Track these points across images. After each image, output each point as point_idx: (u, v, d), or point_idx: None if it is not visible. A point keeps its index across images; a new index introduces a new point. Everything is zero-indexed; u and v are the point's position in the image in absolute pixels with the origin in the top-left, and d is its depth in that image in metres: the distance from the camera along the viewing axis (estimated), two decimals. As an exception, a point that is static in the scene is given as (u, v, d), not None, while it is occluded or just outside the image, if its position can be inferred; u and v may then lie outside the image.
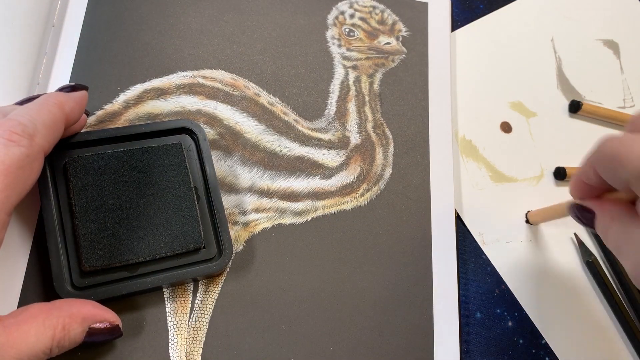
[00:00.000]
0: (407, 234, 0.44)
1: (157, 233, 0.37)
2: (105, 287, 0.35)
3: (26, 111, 0.32)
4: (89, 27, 0.45)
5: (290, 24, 0.49)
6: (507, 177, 0.49)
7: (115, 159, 0.37)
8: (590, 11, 0.58)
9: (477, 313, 0.44)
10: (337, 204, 0.44)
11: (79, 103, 0.36)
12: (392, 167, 0.46)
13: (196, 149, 0.40)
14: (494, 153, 0.50)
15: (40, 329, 0.30)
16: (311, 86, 0.47)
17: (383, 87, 0.48)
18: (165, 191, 0.38)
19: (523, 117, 0.52)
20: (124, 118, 0.42)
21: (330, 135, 0.46)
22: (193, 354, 0.38)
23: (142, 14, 0.46)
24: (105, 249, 0.35)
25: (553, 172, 0.50)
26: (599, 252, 0.48)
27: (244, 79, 0.46)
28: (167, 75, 0.45)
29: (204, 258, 0.38)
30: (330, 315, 0.41)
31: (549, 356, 0.44)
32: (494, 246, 0.46)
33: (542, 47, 0.55)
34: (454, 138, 0.49)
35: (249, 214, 0.42)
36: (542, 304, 0.45)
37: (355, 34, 0.49)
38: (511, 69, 0.53)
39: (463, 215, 0.47)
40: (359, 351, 0.40)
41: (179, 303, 0.39)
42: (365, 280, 0.42)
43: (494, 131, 0.51)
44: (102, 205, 0.36)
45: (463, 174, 0.48)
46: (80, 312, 0.32)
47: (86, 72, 0.43)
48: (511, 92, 0.52)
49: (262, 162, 0.44)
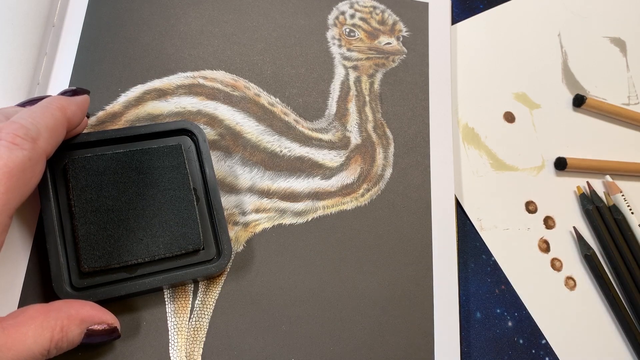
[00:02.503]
0: (408, 234, 0.44)
1: (157, 234, 0.37)
2: (104, 288, 0.35)
3: (29, 114, 0.32)
4: (90, 28, 0.45)
5: (290, 24, 0.49)
6: (508, 165, 0.49)
7: (114, 160, 0.38)
8: (599, 9, 0.58)
9: (477, 313, 0.44)
10: (337, 204, 0.44)
11: (80, 107, 0.36)
12: (392, 168, 0.46)
13: (196, 150, 0.40)
14: (496, 142, 0.50)
15: (38, 330, 0.30)
16: (311, 86, 0.47)
17: (383, 87, 0.48)
18: (164, 192, 0.38)
19: (526, 108, 0.52)
20: (124, 119, 0.42)
21: (331, 136, 0.46)
22: (193, 354, 0.38)
23: (143, 14, 0.46)
24: (104, 250, 0.35)
25: (554, 162, 0.50)
26: (598, 246, 0.48)
27: (245, 79, 0.46)
28: (167, 76, 0.45)
29: (203, 259, 0.38)
30: (330, 316, 0.41)
31: (549, 356, 0.44)
32: (492, 232, 0.47)
33: (549, 41, 0.55)
34: (455, 127, 0.49)
35: (249, 215, 0.42)
36: (539, 293, 0.46)
37: (355, 34, 0.49)
38: (516, 61, 0.54)
39: (462, 201, 0.47)
40: (359, 351, 0.40)
41: (179, 303, 0.39)
42: (365, 281, 0.42)
43: (497, 120, 0.51)
44: (101, 207, 0.36)
45: (464, 161, 0.48)
46: (79, 313, 0.32)
47: (86, 73, 0.43)
48: (516, 83, 0.53)
49: (263, 162, 0.44)
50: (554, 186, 0.50)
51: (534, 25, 0.55)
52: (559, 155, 0.50)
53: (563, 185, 0.50)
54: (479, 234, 0.47)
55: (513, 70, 0.53)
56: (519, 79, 0.53)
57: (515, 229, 0.47)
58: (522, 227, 0.47)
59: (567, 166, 0.49)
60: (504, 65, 0.53)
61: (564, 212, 0.49)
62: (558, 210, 0.49)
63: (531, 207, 0.48)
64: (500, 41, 0.54)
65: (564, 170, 0.50)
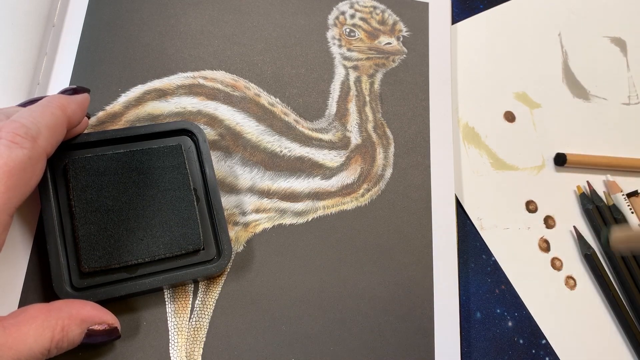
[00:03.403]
0: (408, 234, 0.44)
1: (157, 234, 0.37)
2: (104, 288, 0.35)
3: (29, 113, 0.32)
4: (90, 28, 0.45)
5: (290, 24, 0.49)
6: (508, 165, 0.49)
7: (115, 160, 0.38)
8: (599, 9, 0.58)
9: (477, 313, 0.44)
10: (337, 204, 0.44)
11: (80, 106, 0.36)
12: (392, 168, 0.46)
13: (196, 150, 0.40)
14: (496, 141, 0.50)
15: (39, 330, 0.30)
16: (312, 86, 0.47)
17: (384, 87, 0.48)
18: (164, 193, 0.38)
19: (527, 107, 0.52)
20: (124, 119, 0.42)
21: (331, 136, 0.46)
22: (193, 354, 0.38)
23: (143, 14, 0.46)
24: (104, 250, 0.35)
25: (553, 157, 0.50)
26: (598, 246, 0.48)
27: (245, 79, 0.46)
28: (167, 76, 0.45)
29: (203, 259, 0.38)
30: (330, 316, 0.41)
31: (549, 356, 0.44)
32: (492, 232, 0.47)
33: (549, 41, 0.55)
34: (455, 126, 0.49)
35: (250, 215, 0.42)
36: (539, 293, 0.46)
37: (355, 34, 0.49)
38: (516, 61, 0.54)
39: (463, 200, 0.47)
40: (359, 351, 0.40)
41: (180, 304, 0.39)
42: (365, 281, 0.42)
43: (497, 120, 0.51)
44: (101, 207, 0.36)
45: (464, 160, 0.49)
46: (80, 313, 0.32)
47: (87, 73, 0.43)
48: (516, 82, 0.53)
49: (263, 162, 0.44)
50: (554, 185, 0.50)
51: (534, 25, 0.56)
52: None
53: (563, 184, 0.50)
54: (479, 234, 0.47)
55: (513, 69, 0.53)
56: (519, 78, 0.53)
57: (516, 229, 0.47)
58: (522, 227, 0.47)
59: (566, 162, 0.49)
60: (504, 64, 0.53)
61: (564, 212, 0.49)
62: (558, 210, 0.49)
63: (531, 206, 0.48)
64: (500, 41, 0.54)
65: (564, 166, 0.50)
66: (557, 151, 0.50)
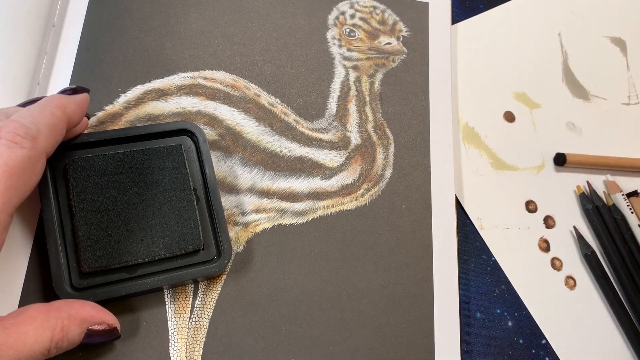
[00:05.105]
0: (408, 234, 0.44)
1: (157, 234, 0.37)
2: (104, 288, 0.35)
3: (29, 113, 0.32)
4: (90, 28, 0.45)
5: (290, 24, 0.49)
6: (508, 165, 0.50)
7: (115, 160, 0.38)
8: (599, 9, 0.58)
9: (477, 313, 0.44)
10: (337, 204, 0.44)
11: (80, 105, 0.36)
12: (392, 168, 0.46)
13: (196, 150, 0.40)
14: (496, 141, 0.50)
15: (39, 330, 0.30)
16: (311, 87, 0.47)
17: (384, 87, 0.48)
18: (164, 193, 0.38)
19: (527, 107, 0.52)
20: (124, 119, 0.42)
21: (331, 136, 0.46)
22: (193, 354, 0.38)
23: (143, 14, 0.46)
24: (104, 250, 0.35)
25: (553, 157, 0.50)
26: (598, 246, 0.48)
27: (245, 79, 0.46)
28: (167, 76, 0.45)
29: (203, 259, 0.38)
30: (330, 316, 0.41)
31: (549, 356, 0.44)
32: (492, 232, 0.47)
33: (549, 41, 0.55)
34: (455, 126, 0.49)
35: (250, 215, 0.42)
36: (539, 293, 0.46)
37: (355, 34, 0.49)
38: (516, 61, 0.54)
39: (463, 200, 0.47)
40: (359, 351, 0.40)
41: (180, 304, 0.39)
42: (365, 281, 0.42)
43: (497, 120, 0.51)
44: (101, 207, 0.36)
45: (464, 160, 0.49)
46: (79, 313, 0.32)
47: (87, 73, 0.43)
48: (516, 82, 0.53)
49: (263, 162, 0.44)
50: (554, 185, 0.50)
51: (534, 25, 0.56)
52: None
53: (563, 184, 0.50)
54: (479, 234, 0.47)
55: (513, 70, 0.53)
56: (519, 78, 0.53)
57: (516, 229, 0.47)
58: (522, 227, 0.47)
59: (566, 162, 0.49)
60: (504, 65, 0.53)
61: (564, 212, 0.49)
62: (558, 210, 0.49)
63: (531, 206, 0.48)
64: (500, 41, 0.54)
65: (563, 166, 0.50)
66: (557, 151, 0.50)
